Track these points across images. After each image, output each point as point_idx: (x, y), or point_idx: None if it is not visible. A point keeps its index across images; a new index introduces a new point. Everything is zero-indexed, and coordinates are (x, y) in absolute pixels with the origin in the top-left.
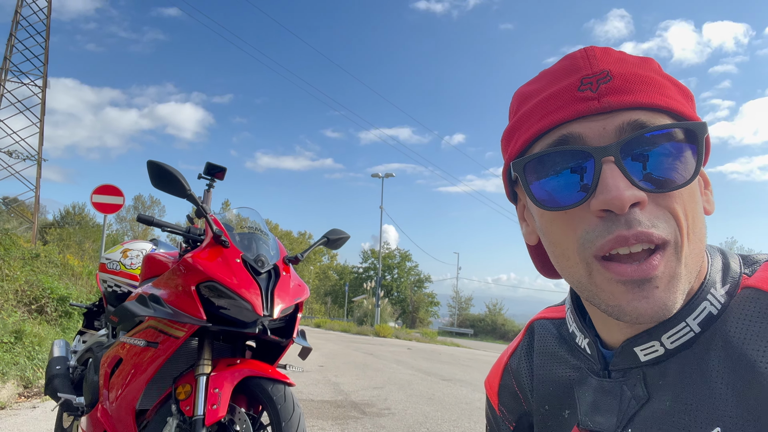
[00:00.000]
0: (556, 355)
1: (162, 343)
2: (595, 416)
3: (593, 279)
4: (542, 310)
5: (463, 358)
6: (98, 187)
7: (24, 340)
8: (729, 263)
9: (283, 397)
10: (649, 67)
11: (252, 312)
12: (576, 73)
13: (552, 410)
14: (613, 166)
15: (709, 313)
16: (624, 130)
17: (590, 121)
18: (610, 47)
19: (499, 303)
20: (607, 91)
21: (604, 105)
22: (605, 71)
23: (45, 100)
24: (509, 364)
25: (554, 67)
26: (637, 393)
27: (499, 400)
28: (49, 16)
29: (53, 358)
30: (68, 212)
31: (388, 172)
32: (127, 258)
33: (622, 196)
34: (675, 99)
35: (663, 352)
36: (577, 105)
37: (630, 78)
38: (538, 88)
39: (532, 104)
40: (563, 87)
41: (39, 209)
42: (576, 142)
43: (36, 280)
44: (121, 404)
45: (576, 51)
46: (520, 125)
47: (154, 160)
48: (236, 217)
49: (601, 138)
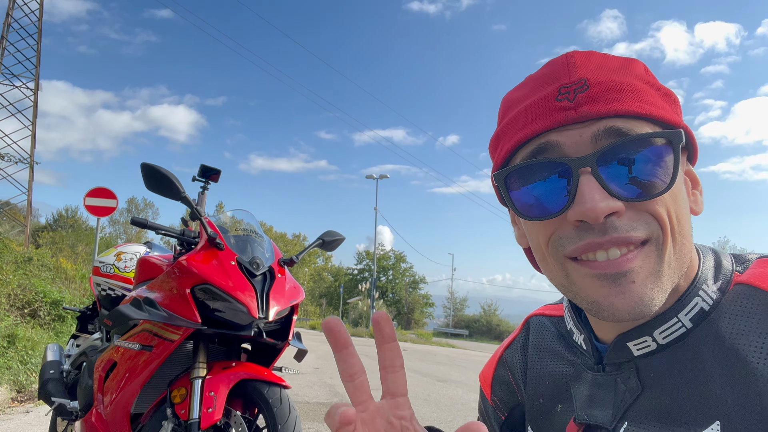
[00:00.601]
0: (553, 351)
1: (157, 347)
2: (591, 410)
3: (570, 277)
4: (540, 307)
5: (459, 358)
6: (91, 190)
7: (17, 344)
8: (721, 261)
9: (279, 400)
10: (630, 72)
11: (247, 314)
12: (555, 81)
13: (546, 404)
14: (590, 177)
15: (701, 309)
16: (599, 137)
17: (568, 130)
18: (594, 51)
19: (494, 303)
20: (584, 101)
21: (581, 114)
22: (583, 80)
23: (37, 103)
24: (504, 356)
25: (538, 73)
26: (631, 385)
27: (492, 391)
28: (40, 19)
29: (47, 362)
30: (61, 215)
31: (383, 174)
32: (120, 261)
33: (596, 208)
34: (655, 104)
35: (655, 347)
36: (555, 115)
37: (607, 86)
38: (521, 96)
39: (514, 113)
40: (542, 96)
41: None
42: (554, 151)
43: (29, 284)
44: (116, 408)
45: (559, 57)
46: (503, 133)
47: (147, 162)
48: (231, 219)
49: (579, 147)
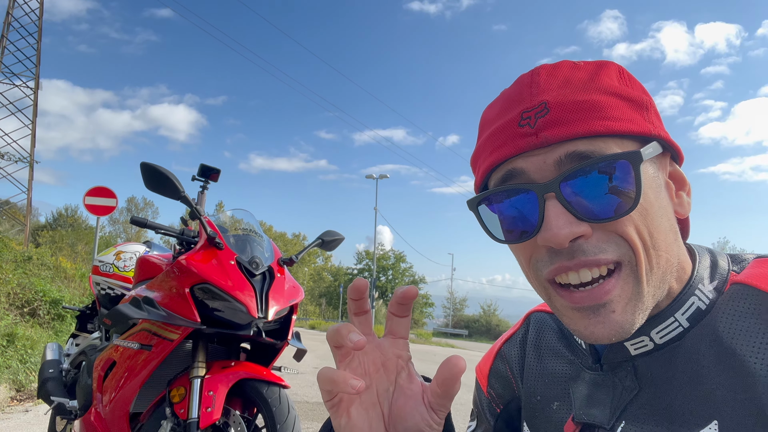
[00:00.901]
0: (553, 349)
1: (156, 346)
2: (589, 409)
3: (553, 303)
4: (542, 303)
5: None
6: (91, 189)
7: (16, 343)
8: (717, 261)
9: (278, 400)
10: (596, 86)
11: (246, 314)
12: (518, 104)
13: (542, 401)
14: (555, 202)
15: (698, 308)
16: (562, 162)
17: (532, 156)
18: (565, 61)
19: (494, 304)
20: (543, 126)
21: (542, 140)
22: (543, 103)
23: (37, 102)
24: (503, 349)
25: (507, 92)
26: (628, 385)
27: (489, 383)
28: (41, 18)
29: (46, 361)
30: (61, 214)
31: (383, 173)
32: (120, 260)
33: (558, 235)
34: (619, 119)
35: (653, 347)
36: (518, 141)
37: (568, 107)
38: (492, 116)
39: (485, 136)
40: (507, 122)
41: (31, 211)
42: (520, 177)
43: (28, 283)
44: (115, 407)
45: (527, 74)
46: (478, 155)
47: (147, 162)
48: (230, 218)
49: (543, 172)
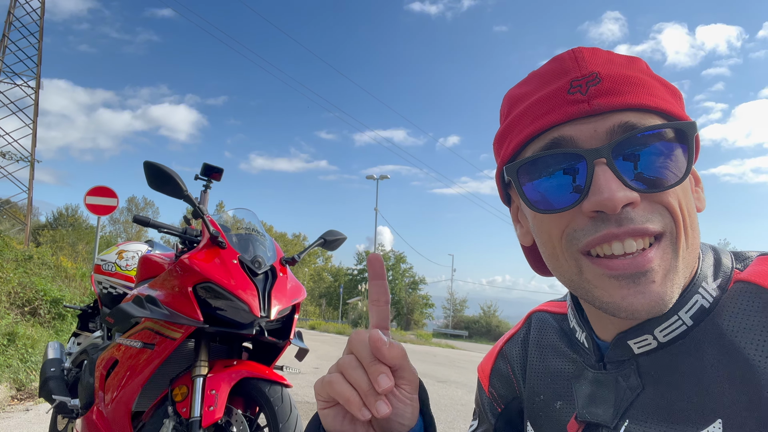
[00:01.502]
0: (555, 348)
1: (158, 345)
2: (592, 408)
3: (584, 275)
4: (544, 303)
5: (458, 359)
6: (92, 188)
7: (17, 342)
8: (721, 258)
9: (281, 399)
10: (636, 68)
11: (249, 313)
12: (565, 75)
13: (545, 400)
14: (605, 168)
15: (701, 307)
16: (615, 132)
17: (581, 124)
18: (598, 47)
19: (494, 305)
20: (596, 93)
21: (594, 107)
22: (594, 73)
23: (38, 102)
24: (504, 349)
25: (543, 69)
26: (632, 383)
27: (490, 383)
28: (42, 17)
29: (48, 360)
30: (61, 214)
31: (383, 174)
32: (122, 259)
33: (614, 197)
34: (664, 99)
35: (656, 345)
36: (567, 108)
37: (619, 79)
38: (527, 91)
39: (522, 107)
40: (553, 90)
41: (32, 211)
42: (567, 145)
43: (29, 282)
44: (117, 406)
45: (564, 53)
46: (511, 129)
47: (150, 161)
48: (233, 218)
49: (593, 140)
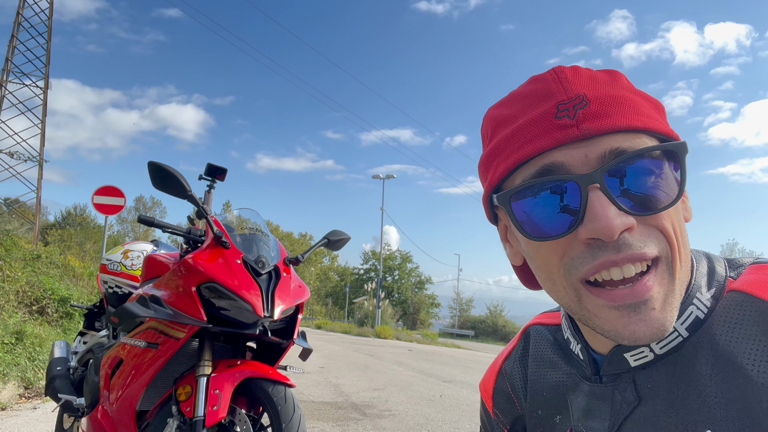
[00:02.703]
0: (551, 361)
1: (162, 344)
2: (587, 421)
3: (584, 305)
4: (537, 316)
5: (464, 359)
6: (99, 188)
7: (25, 341)
8: (714, 267)
9: (284, 399)
10: (619, 85)
11: (252, 313)
12: (550, 98)
13: (545, 415)
14: (599, 193)
15: (696, 318)
16: (606, 158)
17: (571, 149)
18: (577, 65)
19: (500, 304)
20: (584, 117)
21: (583, 132)
22: (580, 95)
23: (46, 102)
24: (503, 367)
25: (525, 90)
26: (628, 397)
27: (494, 404)
28: (50, 17)
29: (54, 359)
30: (69, 213)
31: (389, 174)
32: (127, 259)
33: (611, 225)
34: (650, 116)
35: (652, 357)
36: (556, 133)
37: (605, 101)
38: (511, 114)
39: (508, 131)
40: (540, 114)
41: (40, 210)
42: (559, 171)
43: (37, 281)
44: (122, 405)
45: (545, 73)
46: (498, 153)
47: (155, 161)
48: (237, 218)
49: (585, 166)
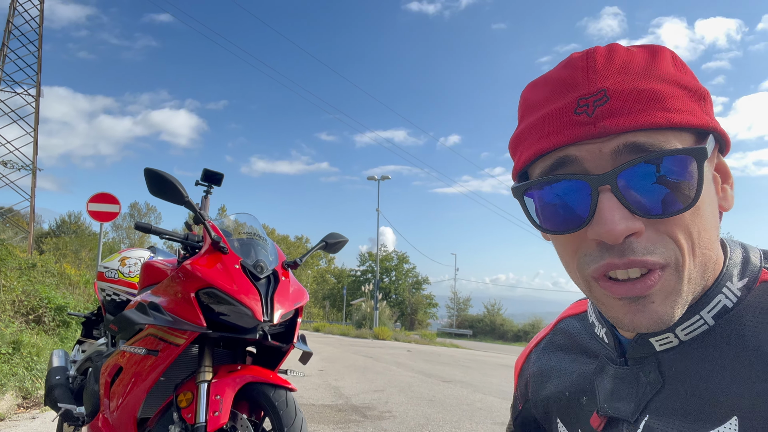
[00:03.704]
0: (578, 345)
1: (162, 351)
2: (613, 402)
3: (593, 293)
4: (569, 307)
5: (463, 359)
6: (94, 195)
7: (22, 350)
8: (749, 257)
9: (285, 403)
10: (655, 73)
11: (252, 318)
12: (574, 90)
13: (571, 396)
14: (610, 195)
15: (724, 306)
16: (620, 152)
17: (586, 144)
18: (617, 45)
19: (498, 303)
20: (603, 115)
21: (600, 130)
22: (602, 90)
23: (38, 110)
24: (531, 353)
25: (556, 75)
26: (652, 379)
27: (518, 382)
28: (41, 25)
29: (52, 368)
30: (64, 221)
31: (384, 175)
32: (125, 266)
33: (614, 230)
34: (681, 110)
35: (677, 343)
36: (573, 129)
37: (629, 96)
38: (539, 100)
39: (533, 120)
40: (560, 107)
41: (34, 219)
42: (573, 166)
43: (33, 290)
44: (122, 413)
45: (579, 55)
46: (522, 140)
47: (151, 167)
48: (234, 222)
49: (598, 162)
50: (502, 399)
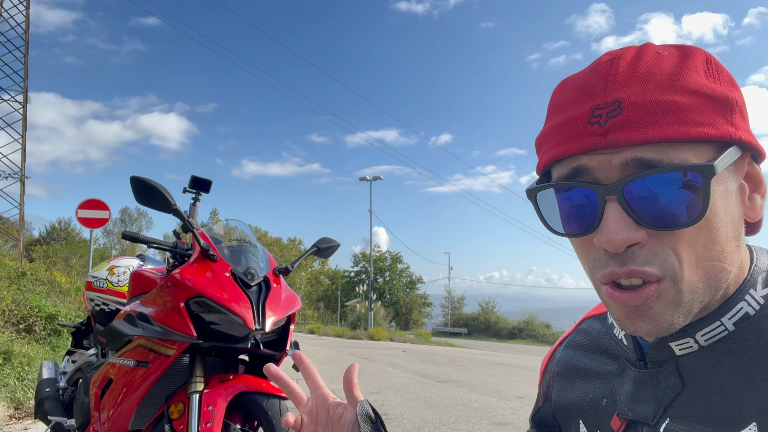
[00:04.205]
0: (599, 347)
1: (152, 362)
2: (633, 405)
3: (601, 296)
4: (593, 308)
5: (458, 358)
6: (83, 202)
7: (13, 360)
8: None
9: (279, 412)
10: (679, 82)
11: (243, 326)
12: (592, 98)
13: (593, 398)
14: (615, 205)
15: (746, 314)
16: (628, 165)
17: (598, 155)
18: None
19: (492, 301)
20: (614, 127)
21: (610, 142)
22: (617, 101)
23: (26, 116)
24: (555, 352)
25: (579, 79)
26: (672, 382)
27: (542, 379)
28: (27, 31)
29: (42, 380)
30: (54, 228)
31: (376, 175)
32: (113, 275)
33: (615, 240)
34: (698, 122)
35: (697, 348)
36: (585, 139)
37: (643, 108)
38: (563, 102)
39: (554, 123)
40: (577, 115)
41: (24, 226)
42: (585, 175)
43: (23, 299)
44: (113, 426)
45: (604, 61)
46: (544, 141)
47: (137, 176)
48: (224, 229)
49: (608, 172)
50: (498, 398)
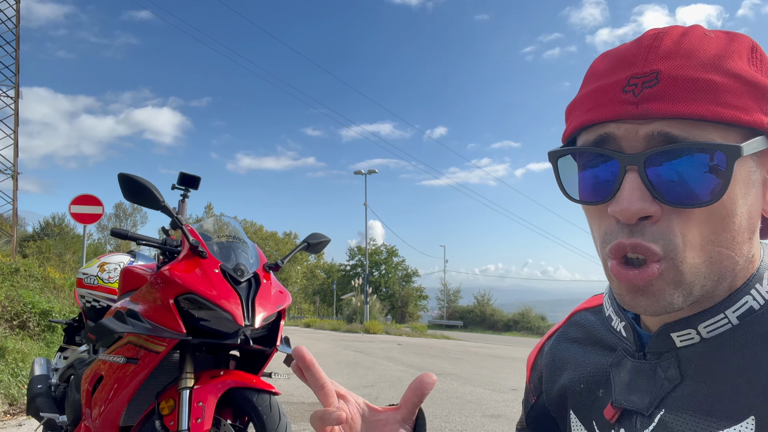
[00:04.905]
0: (593, 338)
1: (142, 359)
2: (629, 395)
3: (608, 270)
4: (584, 301)
5: (454, 351)
6: (76, 197)
7: (7, 356)
8: None
9: (269, 407)
10: (720, 64)
11: (233, 322)
12: (630, 67)
13: (587, 389)
14: (635, 176)
15: (750, 308)
16: (653, 138)
17: (626, 123)
18: (696, 28)
19: (487, 293)
20: (647, 97)
21: (641, 112)
22: (655, 72)
23: (18, 111)
24: (544, 346)
25: (624, 48)
26: (671, 374)
27: (531, 375)
28: (18, 25)
29: (34, 376)
30: (48, 223)
31: (371, 169)
32: (104, 272)
33: (628, 209)
34: (733, 105)
35: (699, 340)
36: (616, 106)
37: (680, 83)
38: (601, 71)
39: (588, 90)
40: (612, 82)
41: (17, 222)
42: (611, 143)
43: (17, 295)
44: (105, 422)
45: (650, 35)
46: (575, 107)
47: (125, 172)
48: (213, 226)
49: (632, 141)
50: (491, 391)
